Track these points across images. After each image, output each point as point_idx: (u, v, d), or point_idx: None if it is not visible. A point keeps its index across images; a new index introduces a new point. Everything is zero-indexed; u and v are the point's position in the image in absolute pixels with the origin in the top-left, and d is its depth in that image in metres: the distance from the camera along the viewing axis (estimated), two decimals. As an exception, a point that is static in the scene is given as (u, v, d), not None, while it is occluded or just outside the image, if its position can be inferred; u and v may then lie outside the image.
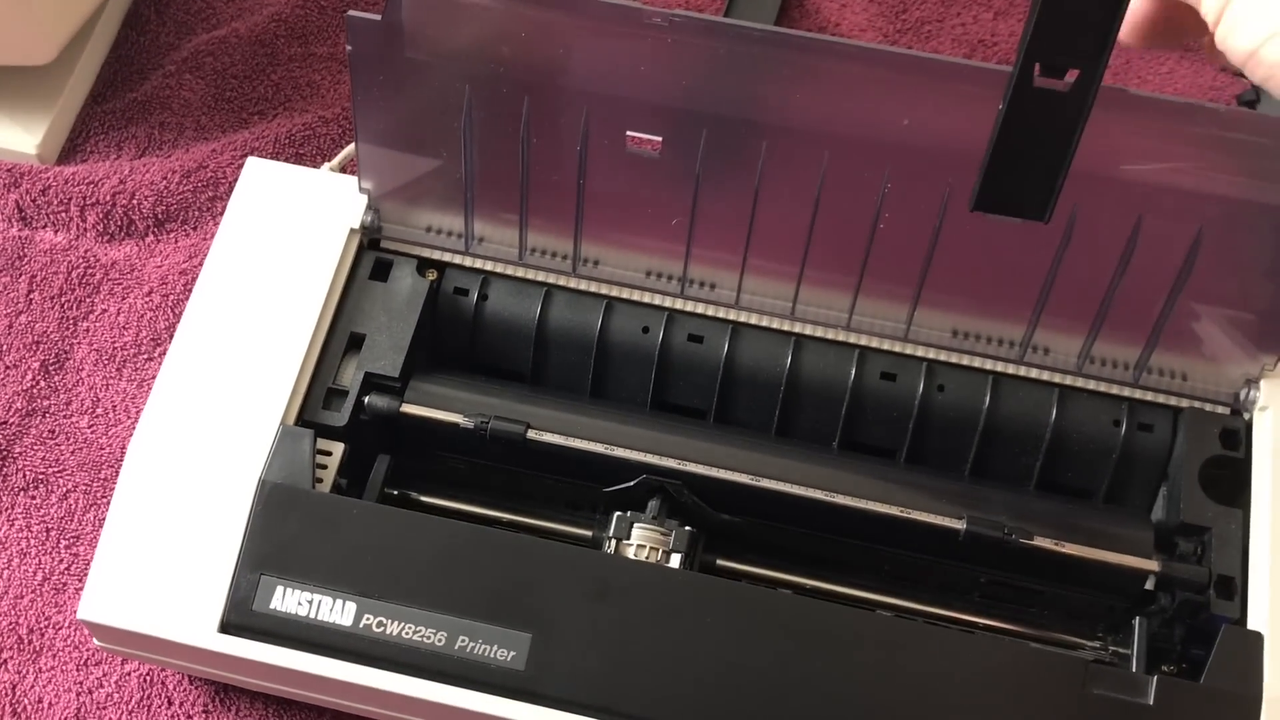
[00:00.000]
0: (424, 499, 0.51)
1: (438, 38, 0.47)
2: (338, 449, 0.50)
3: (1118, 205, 0.46)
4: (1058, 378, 0.51)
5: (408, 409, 0.50)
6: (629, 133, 0.48)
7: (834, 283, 0.50)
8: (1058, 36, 0.39)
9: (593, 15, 0.46)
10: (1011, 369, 0.51)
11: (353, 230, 0.52)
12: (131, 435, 0.58)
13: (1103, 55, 0.39)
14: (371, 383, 0.50)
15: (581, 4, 0.45)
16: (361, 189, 0.52)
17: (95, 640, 0.49)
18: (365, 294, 0.52)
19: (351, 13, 0.46)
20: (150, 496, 0.48)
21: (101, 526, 0.55)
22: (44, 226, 0.63)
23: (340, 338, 0.51)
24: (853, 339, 0.51)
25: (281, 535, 0.47)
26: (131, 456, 0.48)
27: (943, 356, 0.51)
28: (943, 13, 0.68)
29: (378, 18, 0.46)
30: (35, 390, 0.59)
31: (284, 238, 0.52)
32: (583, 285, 0.53)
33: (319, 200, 0.53)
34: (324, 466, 0.49)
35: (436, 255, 0.53)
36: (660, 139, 0.48)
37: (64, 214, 0.62)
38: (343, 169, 0.57)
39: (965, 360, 0.51)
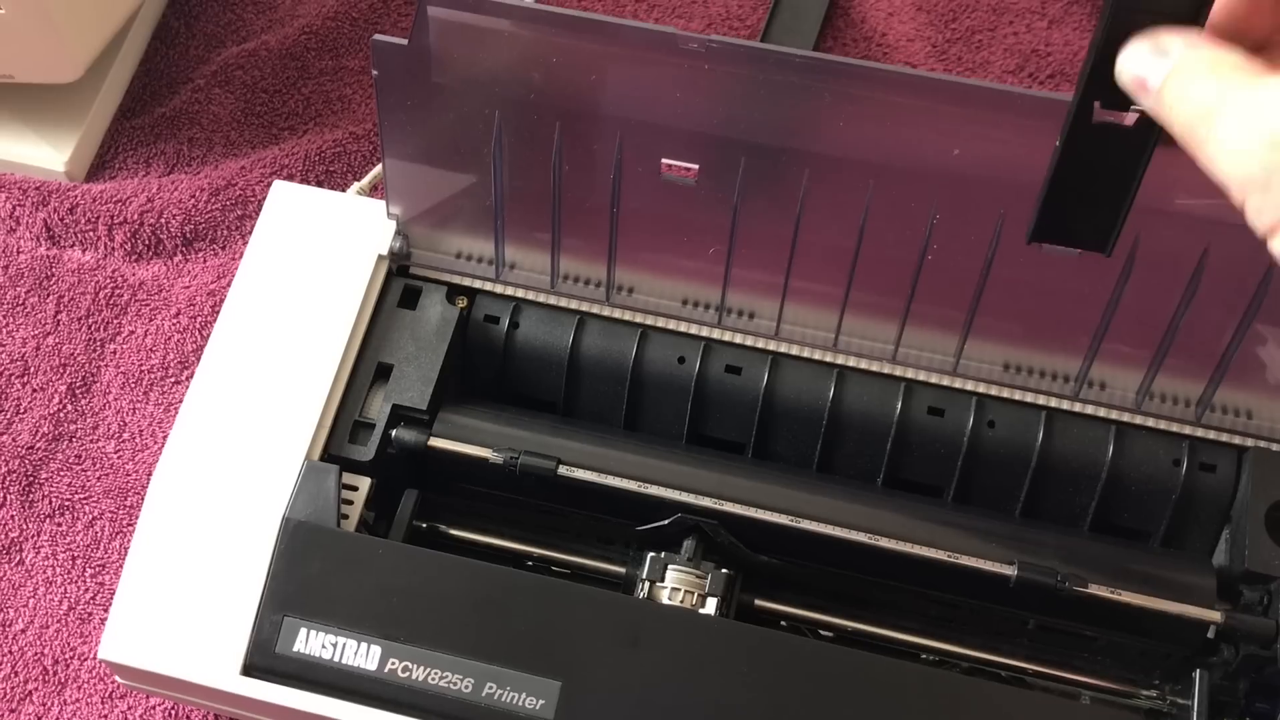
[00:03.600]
0: (452, 532, 0.50)
1: (466, 62, 0.45)
2: (364, 483, 0.48)
3: (1183, 235, 0.43)
4: (1115, 414, 0.48)
5: (436, 443, 0.49)
6: (664, 160, 0.46)
7: (879, 313, 0.48)
8: None
9: (627, 41, 0.44)
10: (1066, 405, 0.48)
11: (381, 256, 0.51)
12: (158, 461, 0.57)
13: None
14: (399, 415, 0.49)
15: (615, 29, 0.43)
16: (390, 214, 0.51)
17: (118, 678, 0.48)
18: (393, 322, 0.50)
19: (377, 37, 0.45)
20: (172, 533, 0.47)
21: (127, 555, 0.54)
22: (72, 245, 0.62)
23: (367, 367, 0.50)
24: (898, 372, 0.49)
25: (305, 575, 0.45)
26: (154, 491, 0.47)
27: (993, 391, 0.49)
28: (994, 21, 0.65)
29: (403, 42, 0.45)
30: (62, 414, 0.58)
31: (311, 263, 0.51)
32: (616, 313, 0.51)
33: (347, 225, 0.52)
34: (350, 502, 0.48)
35: (467, 282, 0.52)
36: (696, 167, 0.46)
37: (92, 233, 0.62)
38: (372, 190, 0.56)
39: (1017, 395, 0.49)
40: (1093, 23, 0.64)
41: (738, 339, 0.50)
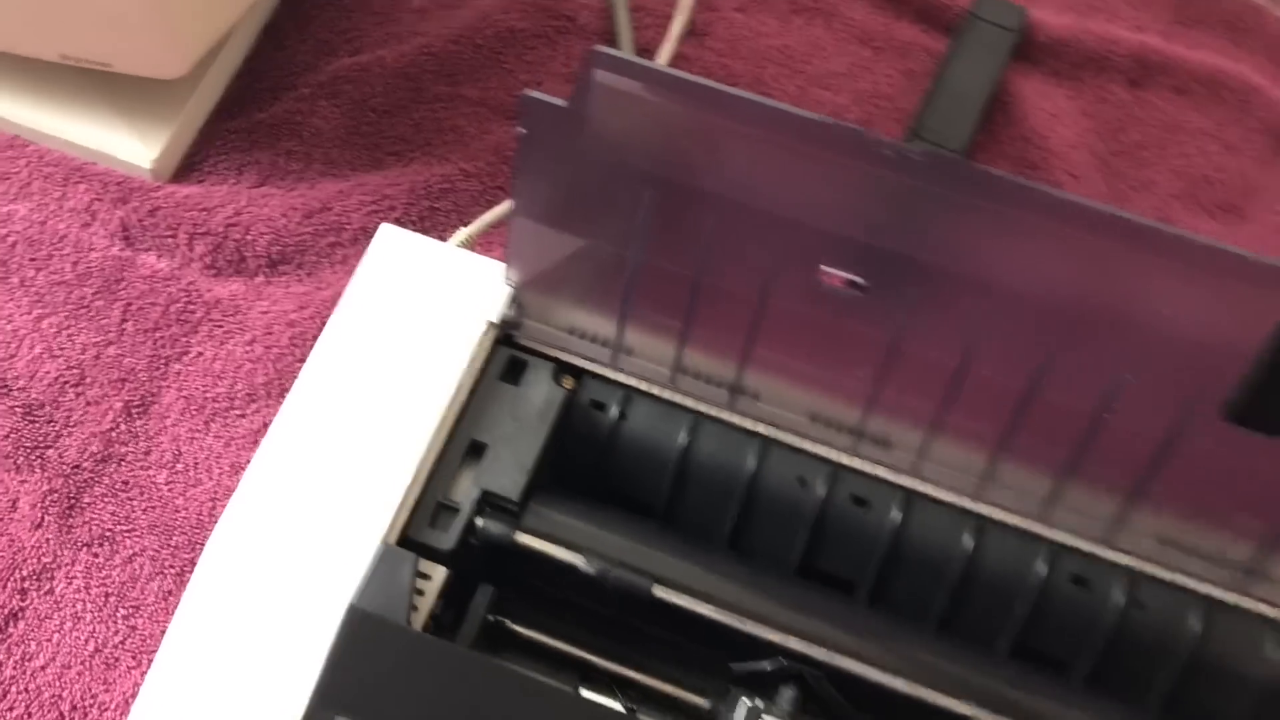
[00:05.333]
0: (523, 631, 0.45)
1: (624, 133, 0.41)
2: (439, 573, 0.43)
3: None
4: (1283, 614, 0.43)
5: (524, 540, 0.44)
6: (823, 267, 0.41)
7: (1038, 466, 0.43)
8: None
9: (808, 135, 0.39)
10: (1231, 597, 0.43)
11: (490, 323, 0.46)
12: (210, 498, 0.53)
13: None
14: (487, 502, 0.44)
15: (798, 122, 0.39)
16: (507, 280, 0.46)
17: (143, 751, 0.43)
18: (493, 396, 0.46)
19: (529, 92, 0.40)
20: (225, 602, 0.42)
21: (165, 599, 0.50)
22: (148, 250, 0.58)
23: (460, 443, 0.45)
24: (1046, 532, 0.44)
25: (365, 673, 0.41)
26: (212, 550, 0.43)
27: (1148, 568, 0.44)
28: (1164, 139, 0.60)
29: (561, 103, 0.40)
30: (114, 434, 0.54)
31: (412, 320, 0.46)
32: (738, 420, 0.46)
33: (456, 282, 0.47)
34: (421, 593, 0.43)
35: (577, 361, 0.47)
36: (860, 279, 0.41)
37: (171, 239, 0.57)
38: (477, 237, 0.52)
39: (1176, 577, 0.44)
40: (1273, 157, 0.59)
41: (870, 468, 0.45)
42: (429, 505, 0.44)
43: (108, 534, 0.52)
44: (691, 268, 0.43)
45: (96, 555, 0.51)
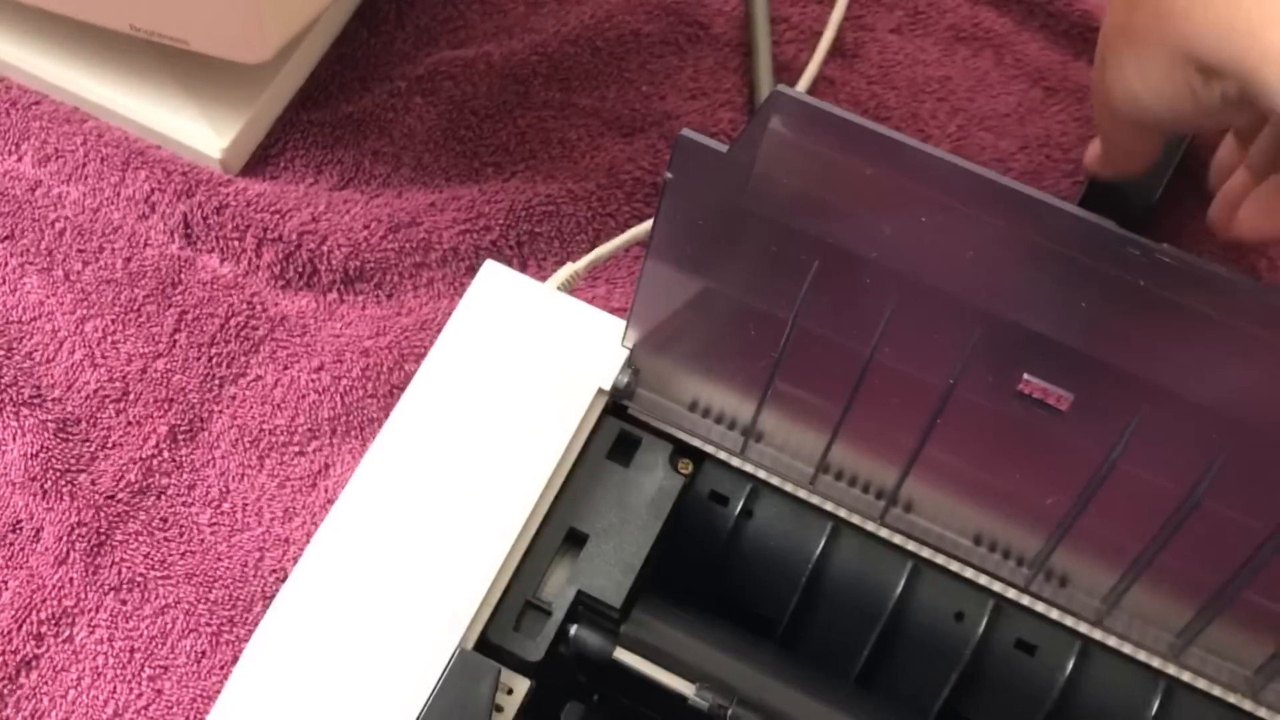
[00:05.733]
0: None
1: (790, 190, 0.34)
2: (522, 685, 0.36)
3: None
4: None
5: (623, 657, 0.37)
6: (1028, 376, 0.34)
7: (1243, 625, 0.36)
8: None
9: (1037, 219, 0.32)
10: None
11: (601, 390, 0.39)
12: (259, 547, 0.47)
13: None
14: (585, 606, 0.37)
15: (1022, 202, 0.31)
16: (625, 343, 0.39)
17: None
18: (598, 477, 0.39)
19: (686, 132, 0.33)
20: (271, 692, 0.35)
21: (198, 661, 0.44)
22: (211, 251, 0.51)
23: (555, 531, 0.38)
24: (1246, 704, 0.37)
25: (430, 806, 0.34)
26: (261, 637, 0.36)
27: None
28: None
29: (722, 148, 0.33)
30: (156, 462, 0.47)
31: (511, 377, 0.39)
32: (883, 533, 0.39)
33: (565, 336, 0.40)
34: (501, 709, 0.36)
35: (699, 444, 0.40)
36: (1071, 396, 0.34)
37: (238, 242, 0.51)
38: (583, 275, 0.45)
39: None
40: None
41: (1041, 608, 0.38)
42: (515, 604, 0.37)
43: (139, 579, 0.45)
44: (861, 345, 0.36)
45: (125, 602, 0.45)
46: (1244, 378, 0.33)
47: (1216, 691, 0.37)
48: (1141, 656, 0.37)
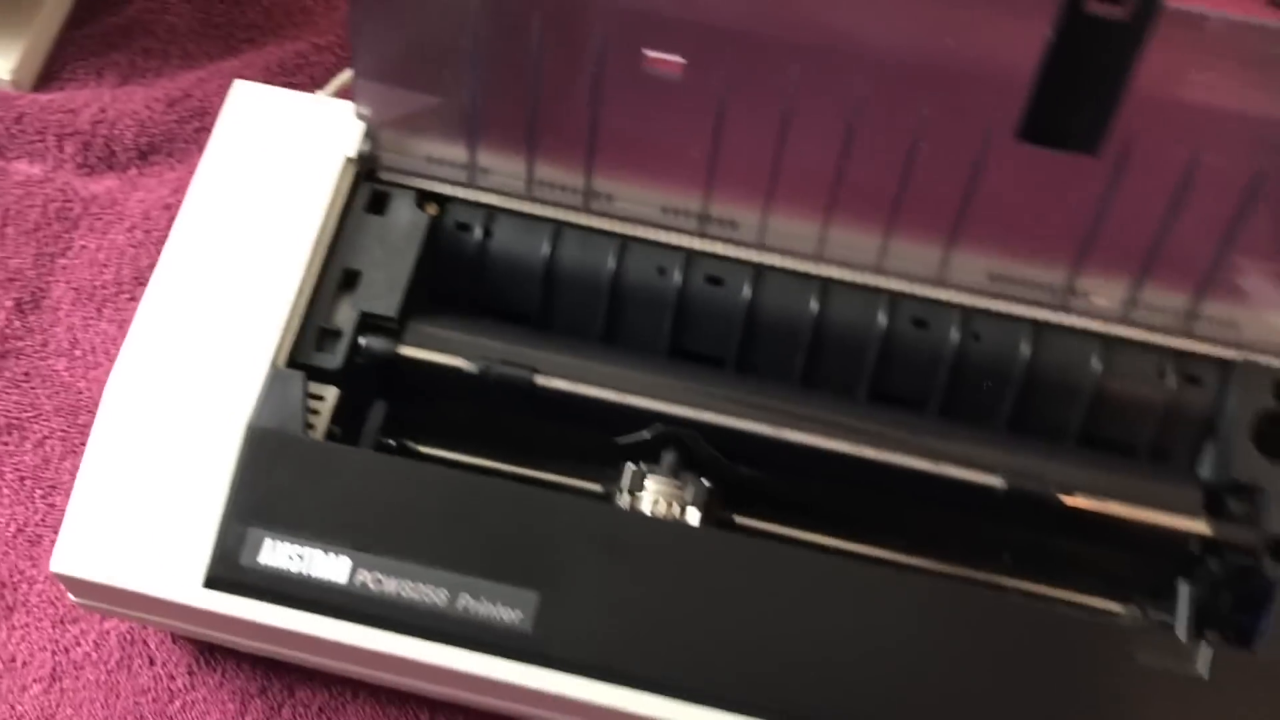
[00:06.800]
0: (423, 450, 0.48)
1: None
2: (331, 394, 0.46)
3: (1175, 135, 0.43)
4: (1101, 326, 0.48)
5: (406, 351, 0.47)
6: (647, 52, 0.44)
7: (866, 221, 0.47)
8: None
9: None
10: (1053, 317, 0.48)
11: (348, 159, 0.49)
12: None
13: None
14: (367, 323, 0.47)
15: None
16: (358, 115, 0.49)
17: (71, 596, 0.45)
18: (360, 228, 0.48)
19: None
20: (129, 441, 0.44)
21: (81, 463, 0.52)
22: (19, 157, 0.59)
23: (334, 274, 0.48)
24: (883, 283, 0.48)
25: (271, 485, 0.43)
26: (108, 398, 0.45)
27: (979, 303, 0.48)
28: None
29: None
30: (9, 331, 0.55)
31: (273, 166, 0.49)
32: (595, 222, 0.49)
33: (311, 127, 0.49)
34: (316, 413, 0.46)
35: (438, 187, 0.50)
36: (682, 60, 0.44)
37: (40, 144, 0.59)
38: (338, 95, 0.54)
39: (1003, 306, 0.48)
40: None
41: (720, 249, 0.49)
42: (312, 332, 0.47)
43: (15, 423, 0.54)
44: (528, 79, 0.46)
45: (7, 444, 0.53)
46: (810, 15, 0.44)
47: (853, 277, 0.48)
48: (801, 267, 0.48)
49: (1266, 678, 0.41)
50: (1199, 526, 0.45)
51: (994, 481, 0.45)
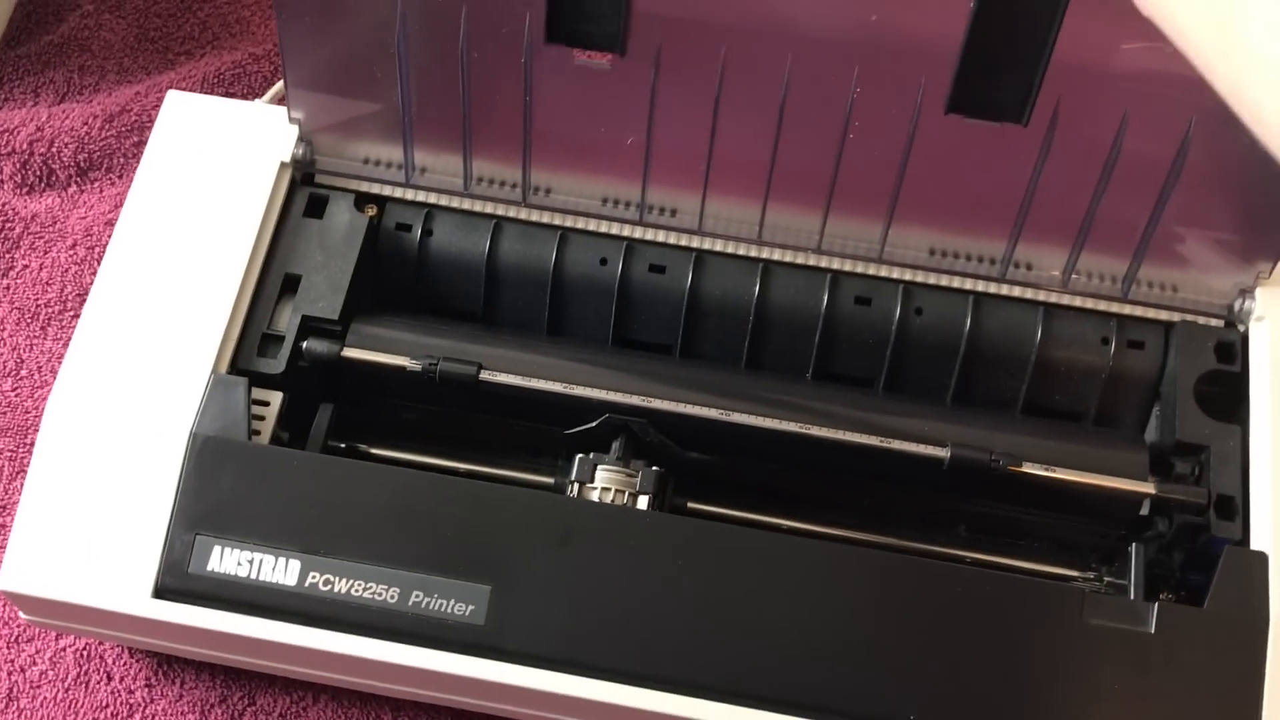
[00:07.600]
0: (372, 451, 0.48)
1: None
2: (275, 398, 0.46)
3: (1104, 100, 0.43)
4: (1042, 295, 0.48)
5: (349, 353, 0.47)
6: (576, 54, 0.44)
7: (803, 202, 0.47)
8: None
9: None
10: (993, 288, 0.48)
11: (283, 164, 0.49)
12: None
13: None
14: (310, 326, 0.47)
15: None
16: (291, 119, 0.49)
17: (22, 614, 0.45)
18: (299, 232, 0.48)
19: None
20: (73, 455, 0.44)
21: (25, 478, 0.52)
22: (-43, 180, 0.59)
23: (274, 280, 0.47)
24: (824, 263, 0.48)
25: (217, 491, 0.43)
26: (50, 413, 0.45)
27: (919, 277, 0.48)
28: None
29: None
30: (-47, 353, 0.55)
31: (210, 174, 0.48)
32: (534, 216, 0.49)
33: (247, 134, 0.49)
34: (261, 418, 0.46)
35: (375, 189, 0.49)
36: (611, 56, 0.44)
37: (-22, 166, 0.58)
38: (276, 103, 0.54)
39: (944, 280, 0.48)
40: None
41: (660, 237, 0.49)
42: (254, 338, 0.46)
43: (-38, 445, 0.53)
44: (458, 76, 0.46)
45: (-45, 467, 0.53)
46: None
47: (795, 259, 0.48)
48: (742, 251, 0.48)
49: (1212, 630, 0.41)
50: (1146, 488, 0.45)
51: (940, 453, 0.45)
